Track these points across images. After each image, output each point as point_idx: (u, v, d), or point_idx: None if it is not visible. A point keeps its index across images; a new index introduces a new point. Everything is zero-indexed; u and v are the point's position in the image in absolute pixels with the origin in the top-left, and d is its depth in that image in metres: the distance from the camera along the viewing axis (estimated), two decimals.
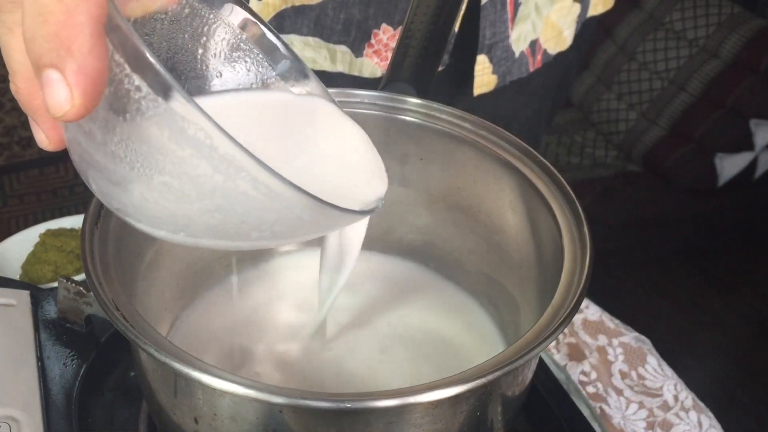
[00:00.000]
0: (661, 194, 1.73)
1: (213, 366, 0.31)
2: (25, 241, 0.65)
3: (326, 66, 0.64)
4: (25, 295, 0.51)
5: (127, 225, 0.40)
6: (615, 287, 1.50)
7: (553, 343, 0.63)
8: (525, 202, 0.44)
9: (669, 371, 0.63)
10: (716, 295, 1.66)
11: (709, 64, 1.75)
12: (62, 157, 2.04)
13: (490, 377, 0.32)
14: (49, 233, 0.64)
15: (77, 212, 0.70)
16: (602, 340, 0.65)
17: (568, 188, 0.42)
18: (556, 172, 0.43)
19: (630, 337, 0.65)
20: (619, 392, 0.61)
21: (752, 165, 1.73)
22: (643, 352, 0.64)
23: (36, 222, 0.69)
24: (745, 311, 1.63)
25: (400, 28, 0.60)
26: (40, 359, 0.46)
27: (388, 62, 0.61)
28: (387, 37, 0.62)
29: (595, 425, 0.57)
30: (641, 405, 0.60)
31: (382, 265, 0.53)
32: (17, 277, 0.63)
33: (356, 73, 0.64)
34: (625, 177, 1.78)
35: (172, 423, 0.37)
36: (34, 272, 0.61)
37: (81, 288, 0.47)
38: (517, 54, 0.67)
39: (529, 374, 0.41)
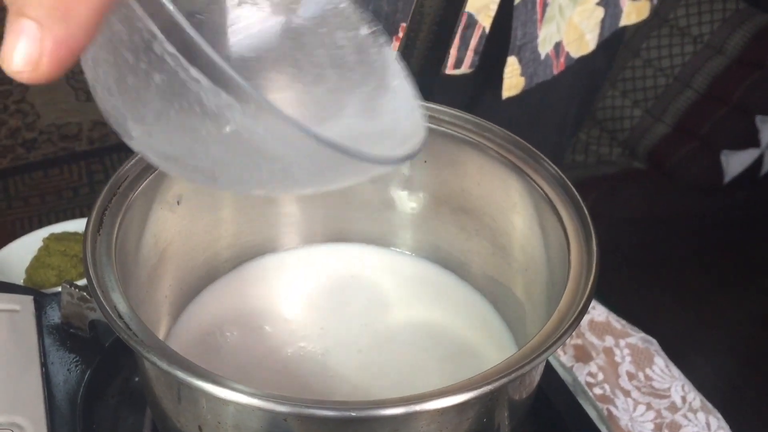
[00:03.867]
0: (667, 192, 1.72)
1: (216, 374, 0.31)
2: (28, 245, 0.65)
3: None
4: (28, 300, 0.50)
5: (129, 231, 0.40)
6: (621, 285, 1.49)
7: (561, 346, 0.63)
8: (530, 204, 0.44)
9: (676, 372, 0.63)
10: (723, 292, 1.65)
11: (714, 61, 1.74)
12: (66, 159, 2.05)
13: (496, 384, 0.32)
14: (53, 237, 0.64)
15: (82, 215, 0.70)
16: (609, 341, 0.65)
17: (574, 190, 0.42)
18: (561, 173, 0.43)
19: (637, 338, 0.65)
20: (627, 393, 0.61)
21: (758, 162, 1.72)
22: (650, 353, 0.64)
23: (40, 224, 0.69)
24: (753, 309, 1.62)
25: None
26: (44, 365, 0.46)
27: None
28: None
29: (602, 427, 0.56)
30: (649, 406, 0.60)
31: (387, 262, 0.53)
32: (21, 282, 0.62)
33: None
34: (630, 174, 1.77)
35: (176, 430, 0.37)
36: (38, 277, 0.61)
37: (84, 293, 0.47)
38: (542, 56, 0.67)
39: (536, 378, 0.40)
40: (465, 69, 0.65)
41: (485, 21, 0.63)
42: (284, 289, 0.51)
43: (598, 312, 0.67)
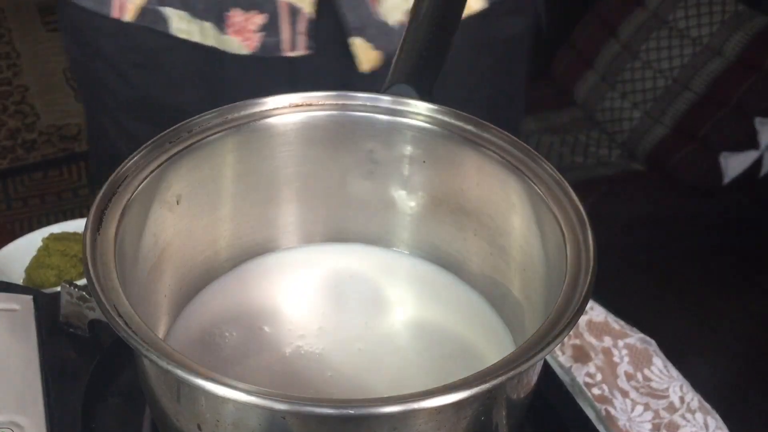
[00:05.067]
0: (666, 193, 1.73)
1: (216, 373, 0.31)
2: (28, 245, 0.65)
3: (198, 38, 0.67)
4: (28, 299, 0.51)
5: (129, 231, 0.40)
6: (620, 286, 1.49)
7: (558, 345, 0.63)
8: (529, 204, 0.44)
9: (675, 372, 0.63)
10: (722, 294, 1.65)
11: (713, 63, 1.75)
12: (66, 160, 2.06)
13: (494, 382, 0.32)
14: (53, 237, 0.64)
15: (81, 215, 0.70)
16: (607, 341, 0.65)
17: (571, 190, 0.42)
18: (558, 174, 0.43)
19: (635, 338, 0.65)
20: (625, 394, 0.61)
21: (757, 163, 1.72)
22: (649, 353, 0.64)
23: (40, 225, 0.69)
24: (752, 310, 1.63)
25: (255, 12, 0.65)
26: (44, 364, 0.47)
27: (251, 42, 0.66)
28: (241, 19, 0.65)
29: (600, 427, 0.56)
30: (647, 407, 0.60)
31: (386, 261, 0.53)
32: (21, 282, 0.63)
33: (226, 48, 0.68)
34: (629, 176, 1.77)
35: (175, 429, 0.37)
36: (37, 277, 0.61)
37: (84, 293, 0.47)
38: (396, 26, 0.68)
39: (534, 377, 0.40)
40: (302, 51, 0.68)
41: (308, 8, 0.66)
42: (283, 288, 0.51)
43: (596, 312, 0.67)
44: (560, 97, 1.96)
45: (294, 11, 0.66)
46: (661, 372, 0.63)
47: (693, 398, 0.61)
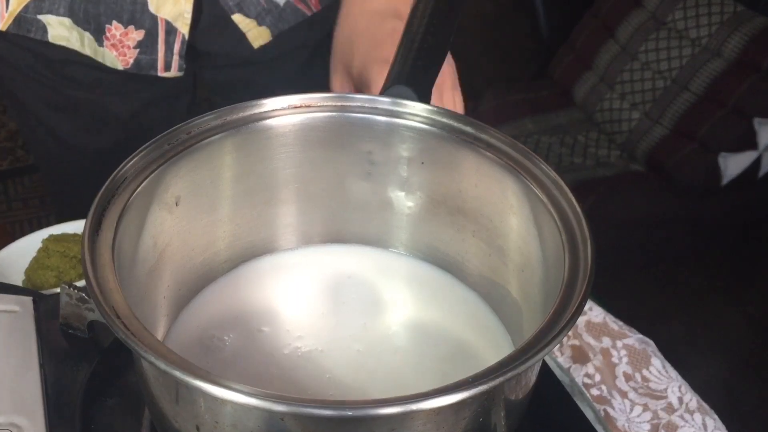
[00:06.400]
0: (665, 194, 1.73)
1: (214, 374, 0.31)
2: (28, 246, 0.65)
3: (77, 46, 0.69)
4: (28, 301, 0.51)
5: (128, 232, 0.40)
6: (618, 287, 1.50)
7: (557, 346, 0.63)
8: (527, 205, 0.44)
9: (673, 373, 0.63)
10: (721, 295, 1.66)
11: (711, 63, 1.75)
12: None
13: (492, 383, 0.32)
14: (52, 239, 0.64)
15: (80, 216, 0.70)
16: (606, 342, 0.65)
17: (568, 191, 0.42)
18: (556, 175, 0.43)
19: (634, 338, 0.65)
20: (624, 394, 0.61)
21: (756, 164, 1.72)
22: (647, 353, 0.64)
23: (40, 226, 0.69)
24: (750, 311, 1.63)
25: (131, 27, 0.67)
26: (43, 365, 0.47)
27: (126, 57, 0.69)
28: (120, 33, 0.68)
29: (599, 428, 0.56)
30: (646, 407, 0.60)
31: (384, 262, 0.53)
32: (20, 283, 0.63)
33: (100, 60, 0.70)
34: (628, 177, 1.78)
35: (174, 430, 0.37)
36: (37, 278, 0.61)
37: (83, 294, 0.47)
38: (282, 3, 0.71)
39: (532, 378, 0.41)
40: (175, 72, 0.71)
41: (183, 28, 0.68)
42: (282, 289, 0.51)
43: (595, 313, 0.67)
44: (559, 98, 1.96)
45: (170, 31, 0.68)
46: (660, 372, 0.63)
47: (691, 399, 0.61)
